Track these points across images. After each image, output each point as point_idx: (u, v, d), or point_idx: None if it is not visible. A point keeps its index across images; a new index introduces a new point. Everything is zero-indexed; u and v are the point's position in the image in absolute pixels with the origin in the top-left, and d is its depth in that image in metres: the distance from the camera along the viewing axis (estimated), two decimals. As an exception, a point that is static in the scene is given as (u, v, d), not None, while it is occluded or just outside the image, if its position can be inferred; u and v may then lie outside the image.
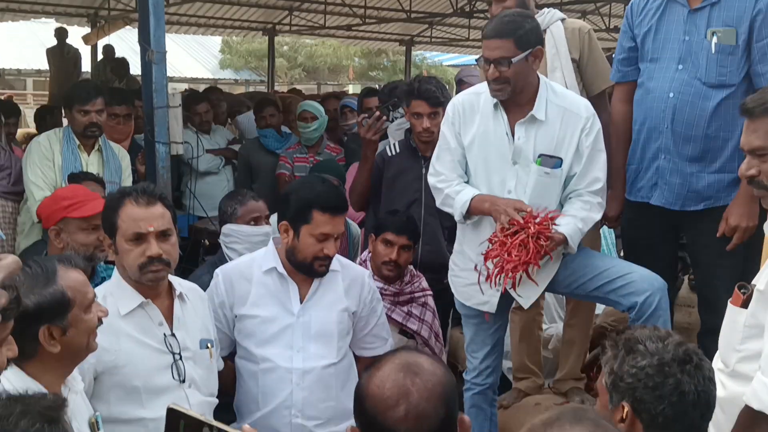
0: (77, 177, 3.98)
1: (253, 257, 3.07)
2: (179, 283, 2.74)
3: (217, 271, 3.04)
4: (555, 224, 3.04)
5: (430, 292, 3.80)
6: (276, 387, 2.92)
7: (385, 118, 4.27)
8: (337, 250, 2.94)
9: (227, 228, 3.63)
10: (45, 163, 4.35)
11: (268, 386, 2.92)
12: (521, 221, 2.97)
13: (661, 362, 1.87)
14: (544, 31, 3.65)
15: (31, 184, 4.34)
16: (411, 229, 3.68)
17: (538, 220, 3.00)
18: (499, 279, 3.01)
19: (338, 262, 3.05)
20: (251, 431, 1.64)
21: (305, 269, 2.93)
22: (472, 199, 3.14)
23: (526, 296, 3.25)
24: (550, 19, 3.71)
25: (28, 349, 2.00)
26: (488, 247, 3.05)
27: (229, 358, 3.04)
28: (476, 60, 3.23)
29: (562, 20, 3.74)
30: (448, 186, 3.24)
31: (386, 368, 1.63)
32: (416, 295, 3.74)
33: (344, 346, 3.04)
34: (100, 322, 2.14)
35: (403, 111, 4.35)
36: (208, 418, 1.68)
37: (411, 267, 3.81)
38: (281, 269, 2.96)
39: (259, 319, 2.95)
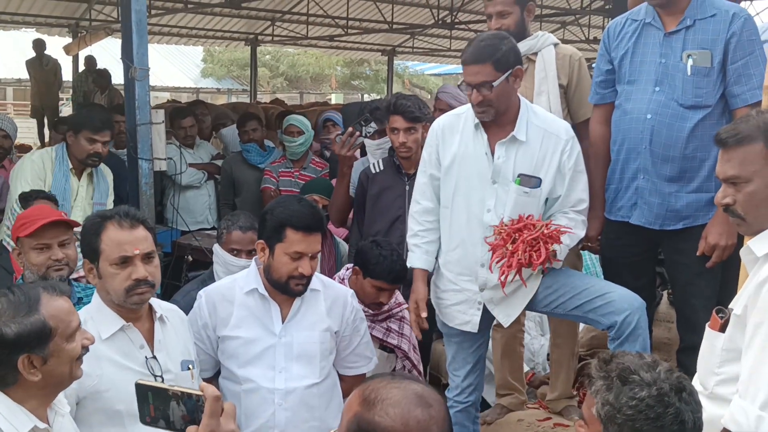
0: (28, 196, 3.97)
1: (235, 278, 3.07)
2: (159, 305, 2.74)
3: (201, 293, 3.04)
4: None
5: (406, 305, 3.80)
6: (258, 408, 2.92)
7: (358, 133, 4.29)
8: (314, 269, 2.93)
9: (215, 247, 3.66)
10: (37, 183, 4.35)
11: (250, 407, 2.92)
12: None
13: (660, 392, 1.88)
14: (536, 54, 3.69)
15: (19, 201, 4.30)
16: (404, 276, 3.57)
17: (552, 227, 3.07)
18: (499, 267, 3.08)
19: (320, 281, 3.05)
20: (207, 387, 1.63)
21: (282, 288, 2.93)
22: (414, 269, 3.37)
23: (506, 314, 3.29)
24: (543, 42, 3.72)
25: (9, 377, 2.00)
26: (494, 239, 3.10)
27: (215, 378, 3.04)
28: (458, 85, 3.27)
29: (555, 45, 3.75)
30: (417, 228, 3.39)
31: (399, 402, 1.57)
32: (394, 310, 3.75)
33: (327, 366, 3.04)
34: (86, 349, 2.13)
35: (375, 126, 4.38)
36: (172, 385, 1.70)
37: None
38: (262, 290, 2.96)
39: (241, 340, 2.95)
